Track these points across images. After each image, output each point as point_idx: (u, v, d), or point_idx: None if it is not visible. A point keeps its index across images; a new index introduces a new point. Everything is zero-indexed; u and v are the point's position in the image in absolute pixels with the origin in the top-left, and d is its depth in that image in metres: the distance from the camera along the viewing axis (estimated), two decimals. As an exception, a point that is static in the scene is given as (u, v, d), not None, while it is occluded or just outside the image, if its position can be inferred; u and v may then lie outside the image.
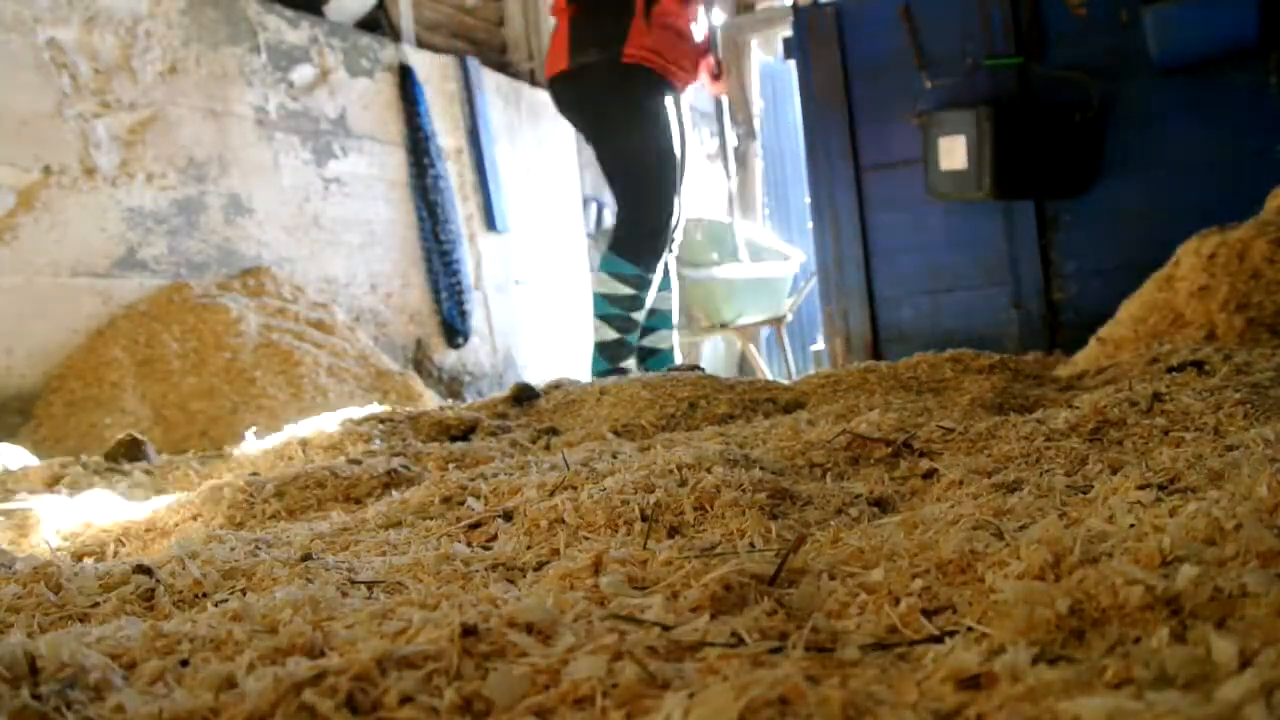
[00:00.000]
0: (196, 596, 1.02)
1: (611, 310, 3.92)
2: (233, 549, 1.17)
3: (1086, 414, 1.47)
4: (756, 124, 8.85)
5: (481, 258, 5.25)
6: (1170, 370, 1.98)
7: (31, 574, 1.06)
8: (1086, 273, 3.87)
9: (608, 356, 3.99)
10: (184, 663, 0.73)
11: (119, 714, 0.63)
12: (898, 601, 0.76)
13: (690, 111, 3.70)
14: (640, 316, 3.96)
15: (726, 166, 6.02)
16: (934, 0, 4.02)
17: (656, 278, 3.95)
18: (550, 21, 6.15)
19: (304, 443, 2.19)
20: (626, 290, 3.89)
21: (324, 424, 2.33)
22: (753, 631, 0.70)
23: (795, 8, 4.31)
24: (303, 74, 4.32)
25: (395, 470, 1.68)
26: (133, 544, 1.45)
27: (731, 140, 6.06)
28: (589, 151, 6.86)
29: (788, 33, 4.38)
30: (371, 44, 4.71)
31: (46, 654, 0.68)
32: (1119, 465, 1.21)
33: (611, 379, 2.57)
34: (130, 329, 3.45)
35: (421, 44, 5.13)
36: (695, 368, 2.83)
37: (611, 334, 3.94)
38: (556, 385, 2.69)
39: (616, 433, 2.08)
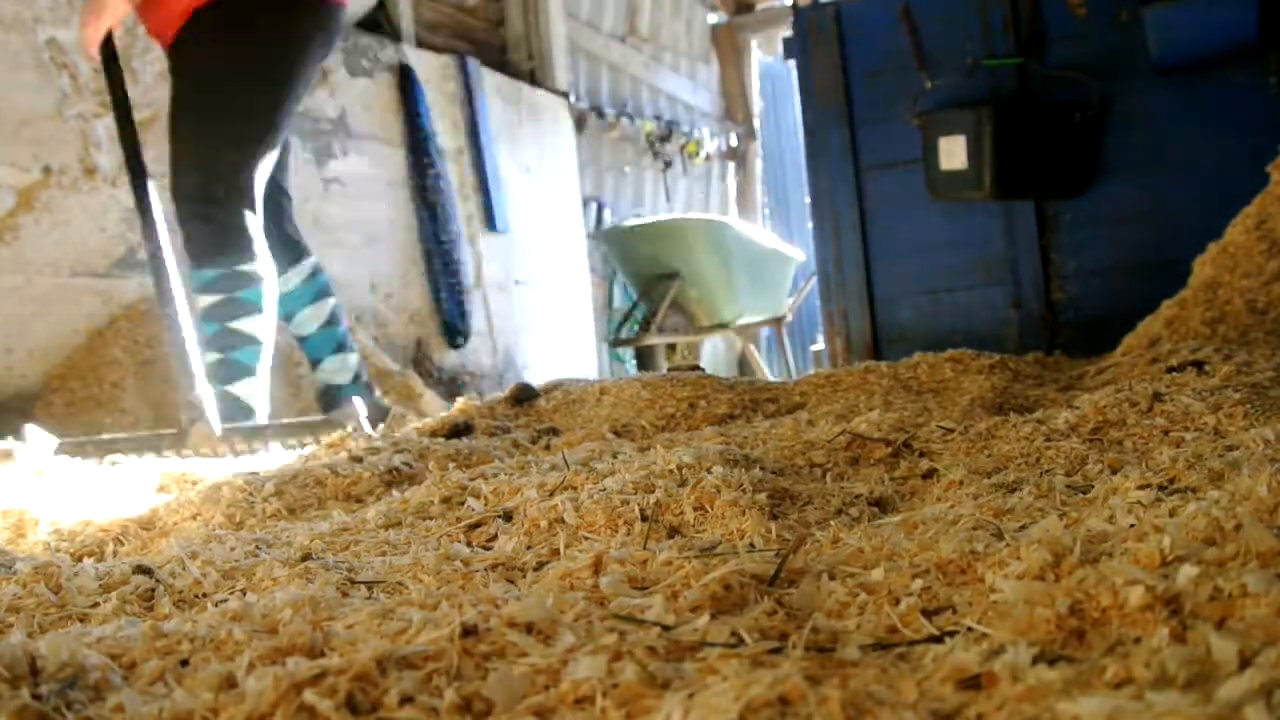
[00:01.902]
0: (196, 596, 1.02)
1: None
2: (233, 549, 1.17)
3: (1086, 414, 1.47)
4: (756, 124, 8.86)
5: (481, 258, 5.25)
6: (1170, 370, 1.98)
7: (31, 574, 1.06)
8: (1086, 273, 3.86)
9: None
10: (184, 663, 0.73)
11: (119, 714, 0.63)
12: (898, 601, 0.76)
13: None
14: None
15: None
16: (934, 0, 4.02)
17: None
18: (552, 20, 6.15)
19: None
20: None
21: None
22: (753, 631, 0.70)
23: (795, 8, 4.31)
24: (303, 74, 4.31)
25: (397, 468, 1.68)
26: (132, 544, 1.44)
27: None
28: (588, 150, 6.87)
29: (788, 33, 4.37)
30: (371, 44, 4.70)
31: (46, 654, 0.68)
32: (1119, 465, 1.21)
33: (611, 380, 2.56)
34: (130, 329, 3.45)
35: (421, 44, 5.13)
36: (695, 368, 2.82)
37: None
38: (556, 385, 2.68)
39: (616, 433, 2.08)
